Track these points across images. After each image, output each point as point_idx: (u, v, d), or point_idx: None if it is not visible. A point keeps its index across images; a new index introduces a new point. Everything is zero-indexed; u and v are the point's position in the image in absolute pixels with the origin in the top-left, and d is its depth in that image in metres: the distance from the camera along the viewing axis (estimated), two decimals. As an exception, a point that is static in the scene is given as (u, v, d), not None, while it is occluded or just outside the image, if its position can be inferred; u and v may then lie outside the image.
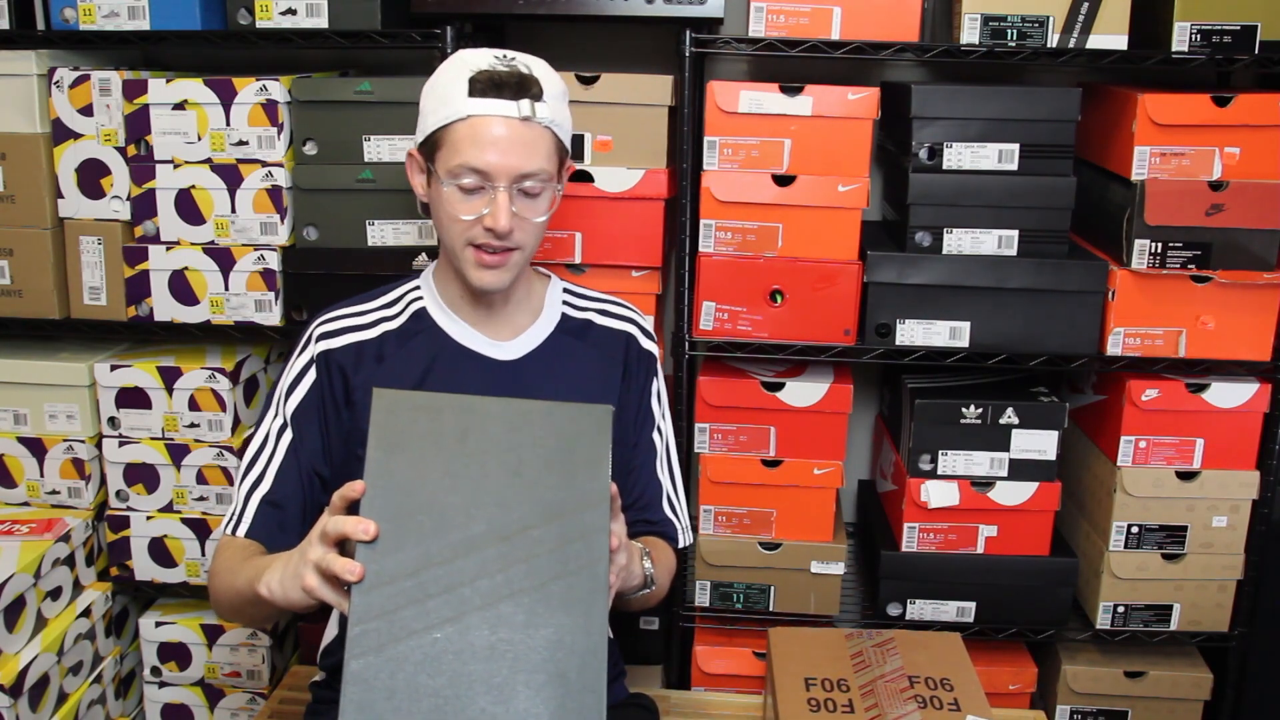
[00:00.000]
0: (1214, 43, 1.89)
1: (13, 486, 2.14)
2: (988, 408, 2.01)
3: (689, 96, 1.95)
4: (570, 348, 1.54)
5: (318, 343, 1.47)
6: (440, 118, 1.38)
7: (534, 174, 1.38)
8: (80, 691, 2.06)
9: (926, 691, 1.62)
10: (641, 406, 1.59)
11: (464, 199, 1.38)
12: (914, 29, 1.90)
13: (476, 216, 1.38)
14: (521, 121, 1.36)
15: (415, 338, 1.49)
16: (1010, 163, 1.94)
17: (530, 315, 1.54)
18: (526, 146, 1.36)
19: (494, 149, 1.35)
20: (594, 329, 1.57)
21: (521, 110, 1.35)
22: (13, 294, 2.07)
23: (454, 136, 1.36)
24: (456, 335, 1.50)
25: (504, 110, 1.35)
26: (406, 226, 2.00)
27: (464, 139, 1.35)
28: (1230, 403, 1.99)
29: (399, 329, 1.49)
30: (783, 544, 2.09)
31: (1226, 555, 2.06)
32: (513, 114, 1.35)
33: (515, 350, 1.51)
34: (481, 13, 1.95)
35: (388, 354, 1.47)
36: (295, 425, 1.45)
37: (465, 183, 1.37)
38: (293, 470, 1.44)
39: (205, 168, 1.99)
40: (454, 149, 1.36)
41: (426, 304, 1.52)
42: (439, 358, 1.48)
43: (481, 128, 1.35)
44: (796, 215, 1.96)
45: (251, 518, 1.42)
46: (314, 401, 1.45)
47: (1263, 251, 1.92)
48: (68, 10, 1.97)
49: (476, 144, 1.35)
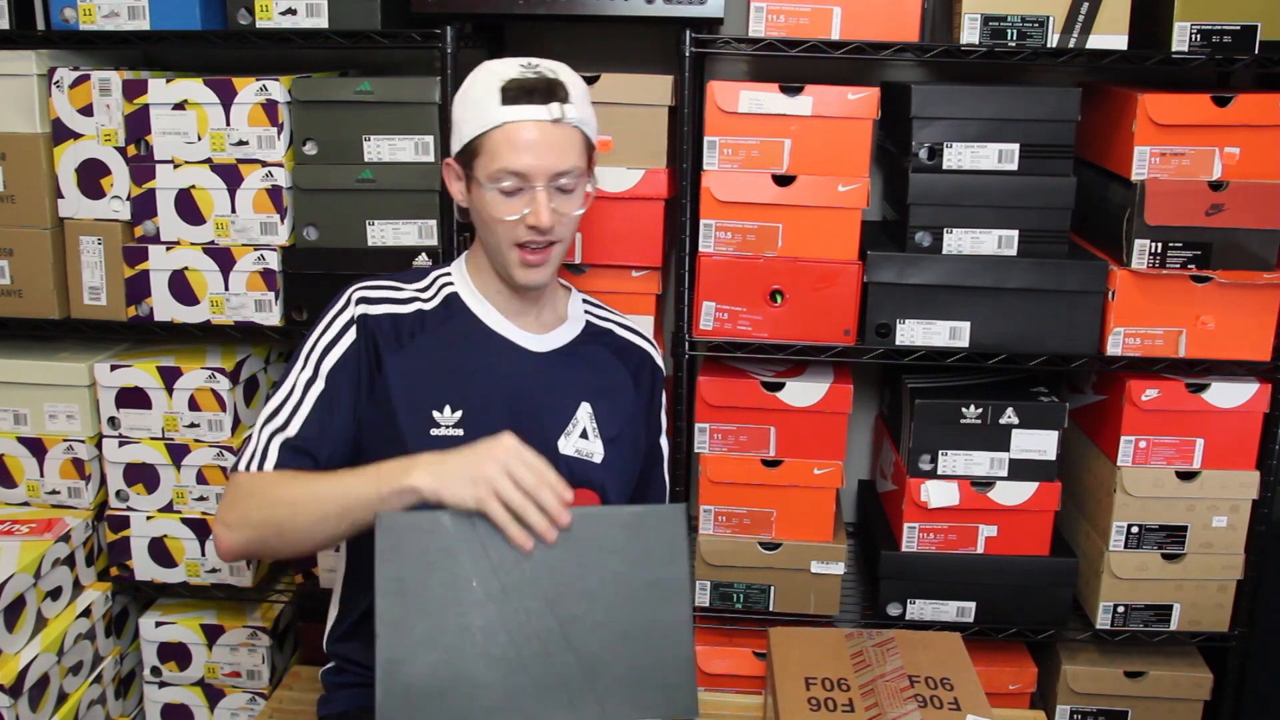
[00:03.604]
0: (1214, 43, 1.89)
1: (13, 486, 2.14)
2: (988, 408, 2.01)
3: (689, 96, 1.95)
4: (595, 352, 1.60)
5: (357, 305, 1.49)
6: (476, 127, 1.44)
7: (568, 171, 1.44)
8: (80, 691, 2.05)
9: (926, 691, 1.62)
10: (653, 416, 1.66)
11: (505, 201, 1.44)
12: (914, 29, 1.90)
13: (519, 216, 1.44)
14: (553, 124, 1.43)
15: (450, 320, 1.52)
16: (1010, 163, 1.94)
17: (557, 318, 1.60)
18: (559, 146, 1.43)
19: (530, 151, 1.42)
20: (615, 339, 1.64)
21: (552, 113, 1.42)
22: (13, 294, 2.07)
23: (491, 143, 1.43)
24: (490, 322, 1.54)
25: (536, 115, 1.42)
26: (406, 226, 2.00)
27: (501, 144, 1.42)
28: (1230, 403, 1.99)
29: (433, 310, 1.52)
30: (783, 544, 2.09)
31: (1226, 555, 2.06)
32: (544, 117, 1.42)
33: (546, 344, 1.56)
34: (481, 13, 1.95)
35: (421, 331, 1.50)
36: (330, 381, 1.45)
37: (505, 185, 1.43)
38: (323, 422, 1.44)
39: (205, 168, 1.99)
40: (492, 155, 1.43)
41: (459, 290, 1.55)
42: (474, 340, 1.52)
43: (516, 133, 1.42)
44: (796, 215, 1.96)
45: (276, 458, 1.41)
46: (351, 361, 1.46)
47: (1263, 251, 1.92)
48: (68, 10, 1.97)
49: (514, 148, 1.42)
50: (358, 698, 1.53)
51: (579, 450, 1.53)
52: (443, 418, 1.46)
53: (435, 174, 1.96)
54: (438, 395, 1.47)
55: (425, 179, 1.97)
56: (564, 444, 1.52)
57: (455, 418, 1.46)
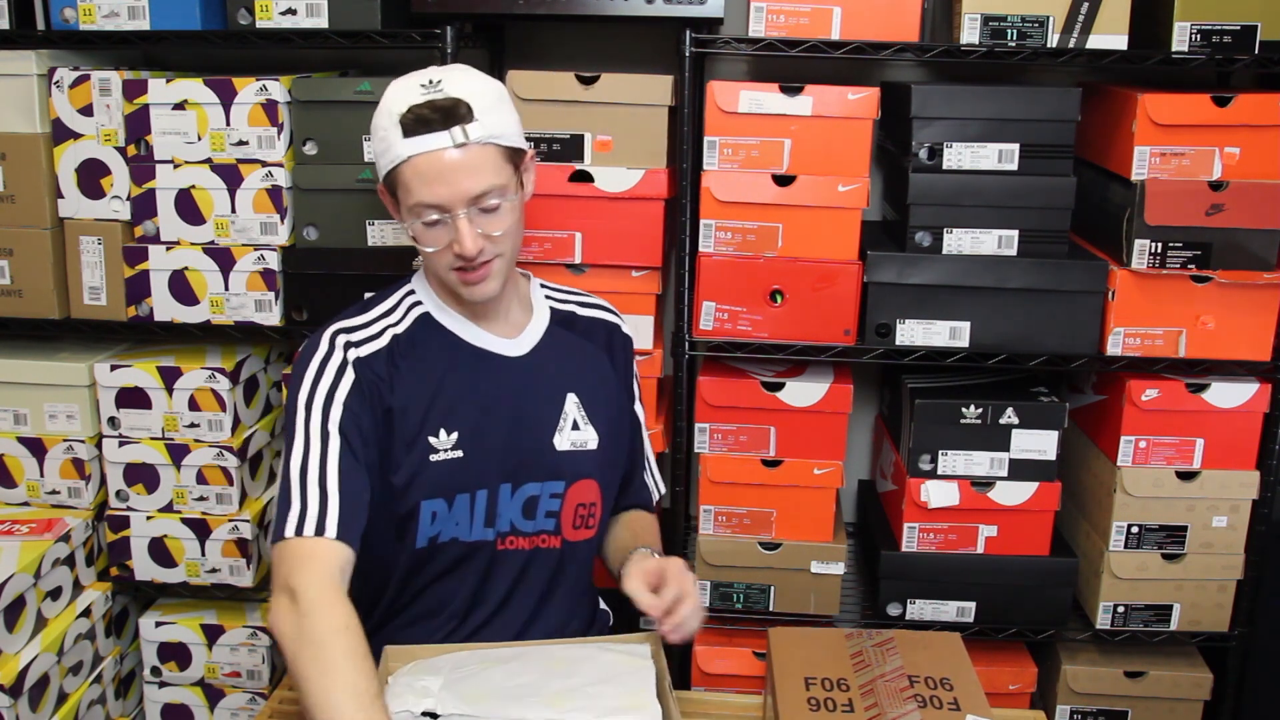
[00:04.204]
0: (1214, 43, 1.88)
1: (13, 486, 2.14)
2: (988, 408, 2.01)
3: (689, 96, 1.94)
4: (565, 339, 1.59)
5: (348, 350, 1.44)
6: (386, 162, 1.42)
7: (486, 192, 1.40)
8: (80, 691, 2.05)
9: (926, 691, 1.62)
10: (629, 384, 1.66)
11: (430, 232, 1.42)
12: (914, 29, 1.90)
13: (446, 245, 1.42)
14: (458, 149, 1.38)
15: (426, 341, 1.50)
16: (1010, 163, 1.93)
17: (525, 312, 1.58)
18: (470, 170, 1.38)
19: (438, 181, 1.38)
20: (579, 320, 1.62)
21: (455, 138, 1.37)
22: (13, 294, 2.07)
23: (403, 178, 1.40)
24: (466, 336, 1.52)
25: (438, 144, 1.37)
26: (406, 226, 2.00)
27: (411, 179, 1.39)
28: (1230, 403, 1.99)
29: (406, 333, 1.49)
30: (783, 544, 2.09)
31: (1226, 555, 2.06)
32: (447, 144, 1.37)
33: (522, 346, 1.55)
34: (481, 13, 1.95)
35: (403, 358, 1.47)
36: (345, 430, 1.40)
37: (427, 219, 1.40)
38: (356, 472, 1.39)
39: (205, 168, 1.99)
40: (406, 189, 1.40)
41: (428, 308, 1.53)
42: (455, 359, 1.50)
43: (423, 166, 1.38)
44: (796, 215, 1.96)
45: (337, 520, 1.34)
46: (358, 402, 1.42)
47: (1263, 251, 1.92)
48: (68, 10, 1.97)
49: (424, 181, 1.38)
50: None
51: (574, 443, 1.53)
52: (439, 442, 1.45)
53: (435, 174, 1.95)
54: (431, 421, 1.45)
55: (425, 179, 1.97)
56: (559, 441, 1.52)
57: (452, 440, 1.46)
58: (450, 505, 1.46)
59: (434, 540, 1.47)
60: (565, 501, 1.52)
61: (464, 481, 1.46)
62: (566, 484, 1.52)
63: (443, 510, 1.46)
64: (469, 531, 1.48)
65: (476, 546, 1.48)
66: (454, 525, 1.47)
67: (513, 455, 1.49)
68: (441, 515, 1.46)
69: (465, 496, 1.46)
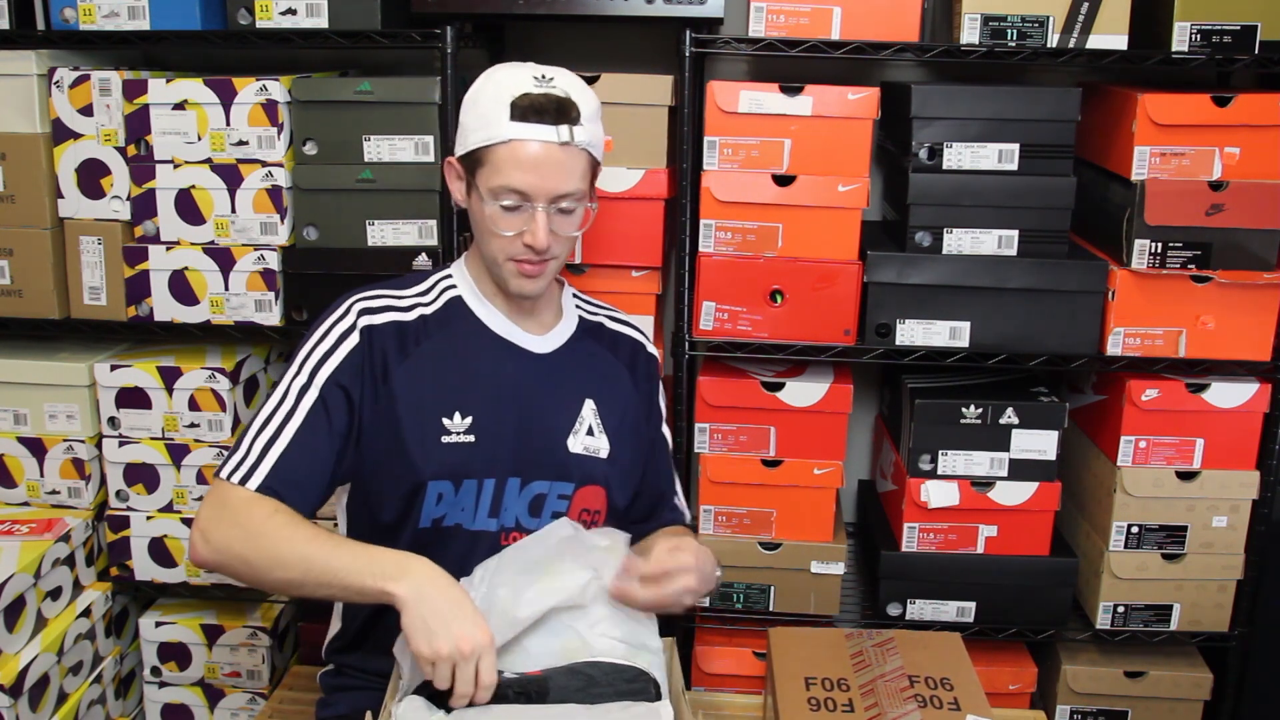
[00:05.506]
0: (1214, 43, 1.89)
1: (13, 486, 2.14)
2: (988, 408, 2.01)
3: (689, 96, 1.95)
4: (590, 347, 1.60)
5: (360, 316, 1.47)
6: (482, 138, 1.43)
7: (570, 194, 1.44)
8: (80, 691, 2.06)
9: (926, 691, 1.62)
10: (652, 405, 1.66)
11: (505, 216, 1.44)
12: (914, 29, 1.90)
13: (517, 233, 1.43)
14: (560, 146, 1.41)
15: (453, 324, 1.52)
16: (1010, 163, 1.93)
17: (555, 315, 1.60)
18: (564, 169, 1.42)
19: (534, 171, 1.41)
20: (606, 332, 1.64)
21: (561, 135, 1.41)
22: (13, 294, 2.07)
23: (495, 157, 1.42)
24: (494, 325, 1.54)
25: (544, 135, 1.40)
26: (406, 226, 2.00)
27: (505, 161, 1.41)
28: (1230, 403, 1.99)
29: (435, 314, 1.52)
30: (783, 544, 2.09)
31: (1226, 555, 2.06)
32: (552, 139, 1.40)
33: (548, 344, 1.56)
34: (481, 13, 1.95)
35: (426, 337, 1.49)
36: (328, 391, 1.43)
37: (506, 202, 1.43)
38: (318, 434, 1.42)
39: (205, 168, 1.99)
40: (495, 169, 1.42)
41: (462, 293, 1.55)
42: (479, 345, 1.52)
43: (522, 151, 1.40)
44: (796, 215, 1.96)
45: (266, 473, 1.39)
46: (353, 368, 1.44)
47: (1263, 251, 1.92)
48: (68, 10, 1.97)
49: (518, 166, 1.40)
50: (358, 700, 1.53)
51: (587, 448, 1.54)
52: (452, 424, 1.46)
53: (435, 174, 1.96)
54: (447, 402, 1.47)
55: (425, 179, 1.97)
56: (573, 443, 1.53)
57: (466, 424, 1.47)
58: (457, 489, 1.46)
59: (438, 523, 1.47)
60: (572, 504, 1.53)
61: (472, 467, 1.47)
62: (575, 486, 1.53)
63: (449, 493, 1.46)
64: (473, 519, 1.48)
65: (479, 536, 1.49)
66: (459, 511, 1.47)
67: (524, 449, 1.50)
68: (448, 498, 1.46)
69: (472, 483, 1.47)
